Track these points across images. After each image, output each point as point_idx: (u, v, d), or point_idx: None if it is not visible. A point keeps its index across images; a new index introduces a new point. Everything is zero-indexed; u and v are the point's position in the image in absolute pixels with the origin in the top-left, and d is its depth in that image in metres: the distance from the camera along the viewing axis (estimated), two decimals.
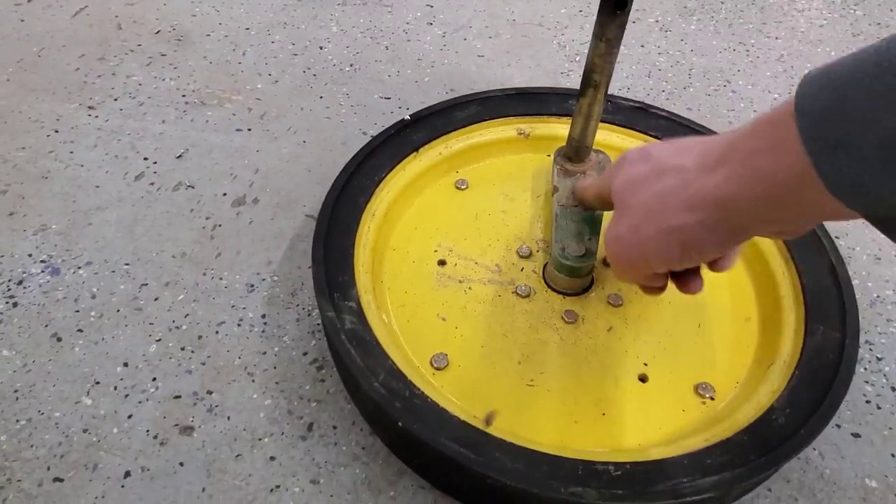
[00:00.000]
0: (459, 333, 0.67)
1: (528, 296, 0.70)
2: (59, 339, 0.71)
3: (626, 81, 1.07)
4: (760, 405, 0.59)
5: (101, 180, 0.88)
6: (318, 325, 0.73)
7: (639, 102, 0.84)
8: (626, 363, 0.66)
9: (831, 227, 0.86)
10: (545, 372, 0.65)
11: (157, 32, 1.11)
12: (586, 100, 0.70)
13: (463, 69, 1.08)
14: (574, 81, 1.05)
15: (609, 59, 0.66)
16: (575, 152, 0.75)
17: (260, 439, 0.64)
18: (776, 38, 1.18)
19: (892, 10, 1.25)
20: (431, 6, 1.21)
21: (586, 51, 0.67)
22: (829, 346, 0.61)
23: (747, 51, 1.15)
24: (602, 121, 0.82)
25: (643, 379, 0.65)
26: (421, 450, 0.58)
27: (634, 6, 1.23)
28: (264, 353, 0.71)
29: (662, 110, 0.83)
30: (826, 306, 0.65)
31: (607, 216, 0.72)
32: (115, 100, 0.99)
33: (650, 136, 0.81)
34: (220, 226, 0.83)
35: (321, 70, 1.06)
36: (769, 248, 0.71)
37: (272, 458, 0.63)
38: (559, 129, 0.82)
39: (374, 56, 1.09)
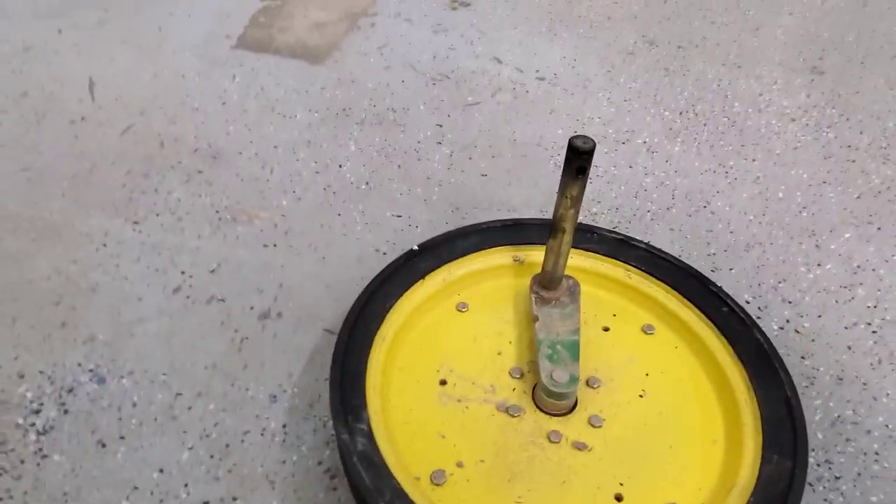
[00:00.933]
0: (457, 451, 0.76)
1: (518, 415, 0.79)
2: (103, 446, 0.80)
3: (615, 202, 1.18)
4: None
5: (143, 293, 0.99)
6: (333, 436, 0.82)
7: (621, 235, 0.95)
8: (604, 483, 0.74)
9: (798, 347, 0.95)
10: (532, 490, 0.73)
11: (196, 150, 1.25)
12: (556, 241, 0.81)
13: (468, 188, 1.20)
14: None
15: (573, 211, 0.78)
16: (549, 281, 0.85)
17: None
18: (753, 159, 1.29)
19: (861, 133, 1.37)
20: (441, 125, 1.34)
21: None
22: (781, 474, 0.69)
23: (726, 172, 1.26)
24: (587, 250, 0.93)
25: (619, 498, 0.73)
26: None
27: (626, 127, 1.36)
28: (284, 461, 0.80)
29: (641, 242, 0.94)
30: (781, 435, 0.73)
31: (584, 341, 0.82)
32: (157, 215, 1.11)
33: (630, 265, 0.92)
34: (247, 339, 0.93)
35: (340, 188, 1.18)
36: (735, 377, 0.80)
37: None
38: None
39: (387, 174, 1.22)
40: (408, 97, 1.41)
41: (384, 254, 1.06)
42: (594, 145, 0.72)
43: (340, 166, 1.23)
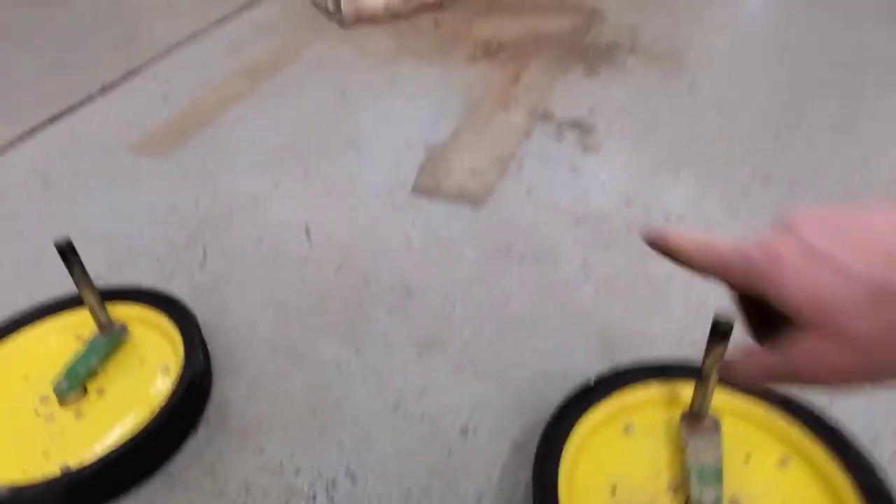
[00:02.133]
0: None
1: None
2: None
3: None
4: None
5: (371, 409, 1.31)
6: None
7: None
8: None
9: None
10: None
11: (392, 287, 1.59)
12: (702, 385, 1.05)
13: (614, 320, 1.47)
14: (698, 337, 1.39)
15: (718, 366, 1.02)
16: (695, 416, 1.09)
17: None
18: None
19: None
20: (585, 262, 1.62)
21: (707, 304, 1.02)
22: None
23: None
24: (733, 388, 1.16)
25: None
26: None
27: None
28: None
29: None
30: None
31: (728, 469, 1.04)
32: (373, 343, 1.45)
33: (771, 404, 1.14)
34: (453, 450, 1.22)
35: (511, 321, 1.48)
36: None
37: None
38: None
39: (547, 309, 1.50)
40: (555, 236, 1.71)
41: (555, 379, 1.33)
42: (734, 321, 0.97)
43: (510, 299, 1.53)
